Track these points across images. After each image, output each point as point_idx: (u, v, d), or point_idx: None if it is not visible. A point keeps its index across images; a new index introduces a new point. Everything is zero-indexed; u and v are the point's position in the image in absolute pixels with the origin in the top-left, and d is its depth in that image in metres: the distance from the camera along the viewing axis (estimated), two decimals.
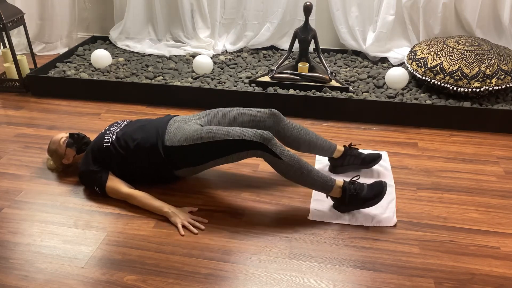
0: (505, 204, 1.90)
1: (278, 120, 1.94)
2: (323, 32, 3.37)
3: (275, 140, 1.73)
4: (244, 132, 1.74)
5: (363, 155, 2.04)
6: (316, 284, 1.50)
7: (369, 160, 2.04)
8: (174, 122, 1.90)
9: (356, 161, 2.04)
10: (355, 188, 1.76)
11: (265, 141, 1.71)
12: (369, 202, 1.75)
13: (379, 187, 1.76)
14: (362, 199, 1.75)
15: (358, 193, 1.75)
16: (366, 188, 1.77)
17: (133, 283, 1.50)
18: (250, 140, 1.72)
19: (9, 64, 2.95)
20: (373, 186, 1.77)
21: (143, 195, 1.84)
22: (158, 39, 3.57)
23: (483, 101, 2.60)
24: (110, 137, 1.91)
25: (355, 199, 1.75)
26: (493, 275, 1.54)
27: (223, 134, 1.76)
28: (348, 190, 1.75)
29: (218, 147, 1.76)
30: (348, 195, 1.75)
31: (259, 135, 1.72)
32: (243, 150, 1.75)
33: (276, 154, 1.71)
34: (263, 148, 1.71)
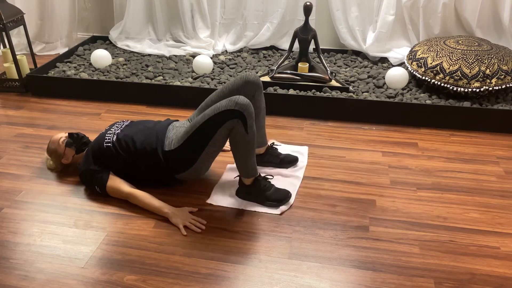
0: (505, 204, 1.90)
1: (254, 85, 1.93)
2: (323, 32, 3.37)
3: (251, 108, 1.70)
4: (218, 106, 1.72)
5: (282, 156, 2.13)
6: (316, 284, 1.50)
7: (287, 161, 2.13)
8: (173, 128, 1.91)
9: (275, 160, 2.12)
10: (265, 184, 1.86)
11: (241, 108, 1.67)
12: (268, 202, 1.86)
13: (284, 195, 1.88)
14: (265, 197, 1.86)
15: (264, 190, 1.85)
16: (273, 189, 1.88)
17: (133, 283, 1.50)
18: (224, 110, 1.70)
19: (9, 64, 2.95)
20: (280, 191, 1.88)
21: (144, 195, 1.84)
22: (158, 39, 3.57)
23: (483, 101, 2.60)
24: (111, 138, 1.91)
25: (259, 194, 1.86)
26: (493, 275, 1.54)
27: (201, 118, 1.76)
28: (258, 183, 1.85)
29: (201, 132, 1.76)
30: (256, 187, 1.85)
31: (233, 102, 1.68)
32: (221, 125, 1.71)
33: (246, 127, 1.70)
34: (239, 115, 1.68)
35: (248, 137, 1.73)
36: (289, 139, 2.39)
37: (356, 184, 2.03)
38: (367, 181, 2.04)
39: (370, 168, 2.15)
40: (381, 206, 1.88)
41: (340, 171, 2.13)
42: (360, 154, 2.26)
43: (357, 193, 1.97)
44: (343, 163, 2.18)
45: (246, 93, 1.92)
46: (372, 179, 2.06)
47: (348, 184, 2.02)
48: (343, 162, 2.20)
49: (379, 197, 1.94)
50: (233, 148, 1.79)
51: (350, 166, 2.16)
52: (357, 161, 2.20)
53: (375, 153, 2.27)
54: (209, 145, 1.79)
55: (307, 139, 2.40)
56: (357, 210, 1.86)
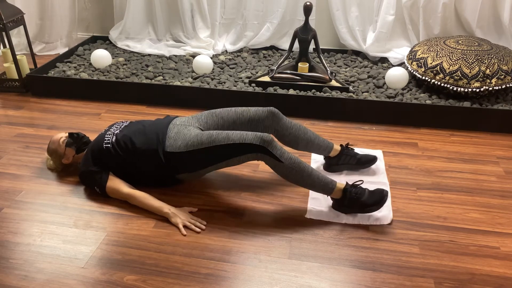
0: (505, 204, 1.90)
1: (277, 119, 1.94)
2: (323, 32, 3.37)
3: (275, 142, 1.73)
4: (244, 136, 1.74)
5: (359, 156, 2.05)
6: (316, 284, 1.50)
7: (364, 161, 2.05)
8: (174, 127, 1.89)
9: (351, 161, 2.04)
10: (356, 192, 1.75)
11: (265, 144, 1.70)
12: (368, 208, 1.76)
13: (380, 195, 1.76)
14: (362, 204, 1.75)
15: (358, 198, 1.75)
16: (367, 193, 1.76)
17: (133, 283, 1.50)
18: (250, 144, 1.72)
19: (9, 64, 2.95)
20: (374, 193, 1.77)
21: (143, 196, 1.84)
22: (158, 39, 3.57)
23: (483, 101, 2.60)
24: (110, 138, 1.90)
25: (354, 202, 1.76)
26: (493, 275, 1.54)
27: (223, 139, 1.75)
28: (348, 193, 1.75)
29: (219, 151, 1.76)
30: (348, 198, 1.76)
31: (259, 137, 1.71)
32: (243, 154, 1.75)
33: (276, 157, 1.71)
34: (264, 151, 1.71)
35: (286, 165, 1.72)
36: None
37: None
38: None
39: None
40: None
41: None
42: None
43: None
44: None
45: (266, 126, 1.93)
46: None
47: None
48: None
49: None
50: (288, 180, 1.78)
51: None
52: None
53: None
54: (222, 163, 1.81)
55: None
56: None
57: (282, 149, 1.73)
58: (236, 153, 1.75)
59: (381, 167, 2.12)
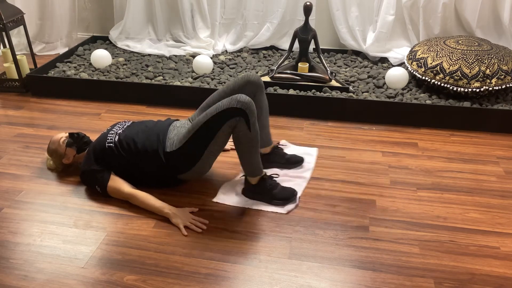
0: (505, 204, 1.90)
1: (255, 86, 1.94)
2: (323, 32, 3.37)
3: (253, 105, 1.71)
4: (220, 104, 1.73)
5: (288, 156, 2.13)
6: (316, 284, 1.50)
7: (293, 161, 2.12)
8: (174, 128, 1.91)
9: (280, 160, 2.11)
10: (270, 183, 1.86)
11: (243, 106, 1.68)
12: (274, 201, 1.86)
13: (290, 194, 1.87)
14: (271, 195, 1.86)
15: (270, 189, 1.85)
16: (279, 188, 1.88)
17: (133, 283, 1.50)
18: (226, 109, 1.70)
19: (9, 64, 2.95)
20: (286, 190, 1.88)
21: (144, 196, 1.84)
22: (158, 39, 3.57)
23: (483, 101, 2.60)
24: (112, 138, 1.91)
25: (266, 192, 1.86)
26: (493, 275, 1.54)
27: (203, 118, 1.76)
28: (264, 181, 1.85)
29: (202, 131, 1.77)
30: (262, 186, 1.85)
31: (234, 100, 1.69)
32: (224, 123, 1.72)
33: (249, 125, 1.71)
34: (241, 113, 1.69)
35: (251, 135, 1.73)
36: (289, 139, 2.38)
37: (356, 184, 2.03)
38: (367, 181, 2.04)
39: (370, 168, 2.15)
40: (381, 206, 1.88)
41: (340, 171, 2.13)
42: (360, 154, 2.26)
43: (357, 193, 1.97)
44: (343, 163, 2.18)
45: (247, 93, 1.92)
46: (372, 179, 2.06)
47: (348, 184, 2.02)
48: (343, 162, 2.20)
49: (379, 197, 1.94)
50: (237, 146, 1.80)
51: (350, 166, 2.16)
52: (357, 161, 2.20)
53: (375, 153, 2.27)
54: (211, 144, 1.79)
55: (307, 139, 2.40)
56: (357, 210, 1.86)
57: (256, 117, 1.73)
58: (217, 126, 1.73)
59: (311, 163, 2.16)
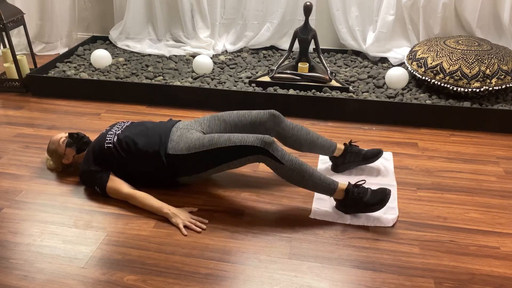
0: (505, 204, 1.90)
1: (278, 121, 1.94)
2: (323, 32, 3.37)
3: (276, 144, 1.73)
4: (245, 138, 1.74)
5: (364, 151, 2.04)
6: (316, 284, 1.50)
7: (370, 155, 2.04)
8: (176, 130, 1.90)
9: (357, 158, 2.04)
10: (358, 192, 1.75)
11: (266, 146, 1.70)
12: (370, 207, 1.75)
13: (383, 194, 1.74)
14: (364, 203, 1.74)
15: (361, 197, 1.74)
16: (369, 193, 1.75)
17: (133, 283, 1.50)
18: (251, 146, 1.71)
19: (9, 64, 2.95)
20: (377, 192, 1.76)
21: (143, 196, 1.84)
22: (158, 39, 3.57)
23: (483, 101, 2.60)
24: (111, 138, 1.91)
25: (357, 202, 1.75)
26: (493, 275, 1.54)
27: (224, 141, 1.75)
28: (351, 193, 1.75)
29: (220, 154, 1.76)
30: (350, 198, 1.75)
31: (260, 139, 1.71)
32: (244, 156, 1.75)
33: (277, 159, 1.71)
34: (265, 152, 1.71)
35: (287, 166, 1.72)
36: None
37: None
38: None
39: None
40: None
41: None
42: None
43: None
44: None
45: (268, 128, 1.93)
46: None
47: None
48: None
49: None
50: (290, 181, 1.77)
51: None
52: None
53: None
54: (223, 165, 1.80)
55: None
56: None
57: (283, 151, 1.73)
58: (237, 155, 1.75)
59: (390, 168, 2.11)
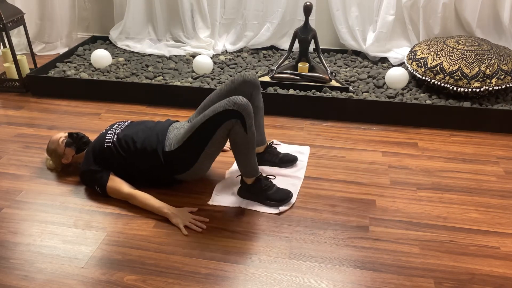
0: (505, 204, 1.90)
1: (251, 85, 1.95)
2: (323, 32, 3.37)
3: (250, 108, 1.71)
4: (217, 106, 1.73)
5: (281, 155, 2.14)
6: (316, 284, 1.50)
7: (285, 160, 2.13)
8: (173, 129, 1.92)
9: (274, 159, 2.13)
10: (266, 184, 1.86)
11: (239, 108, 1.68)
12: (269, 202, 1.86)
13: (285, 195, 1.88)
14: (266, 196, 1.86)
15: (265, 190, 1.86)
16: (274, 189, 1.88)
17: (133, 283, 1.50)
18: (223, 111, 1.70)
19: (9, 64, 2.95)
20: (281, 191, 1.89)
21: (143, 196, 1.84)
22: (158, 39, 3.57)
23: (483, 101, 2.60)
24: (111, 138, 1.91)
25: (261, 193, 1.86)
26: (493, 275, 1.54)
27: (200, 119, 1.76)
28: (259, 182, 1.85)
29: (200, 133, 1.77)
30: (257, 186, 1.85)
31: (231, 102, 1.69)
32: (221, 125, 1.72)
33: (246, 128, 1.71)
34: (238, 116, 1.69)
35: (248, 137, 1.74)
36: (289, 139, 2.39)
37: (356, 184, 2.03)
38: (367, 181, 2.04)
39: (370, 168, 2.15)
40: (381, 206, 1.88)
41: (340, 171, 2.13)
42: (360, 154, 2.26)
43: (357, 193, 1.97)
44: (343, 163, 2.18)
45: (244, 92, 1.93)
46: (372, 179, 2.06)
47: (348, 184, 2.02)
48: (343, 162, 2.20)
49: (379, 197, 1.94)
50: (233, 148, 1.80)
51: (350, 166, 2.16)
52: (357, 161, 2.20)
53: (375, 153, 2.27)
54: (208, 145, 1.79)
55: (307, 139, 2.40)
56: (357, 210, 1.86)
57: (252, 119, 1.73)
58: (214, 128, 1.73)
59: (304, 162, 2.17)
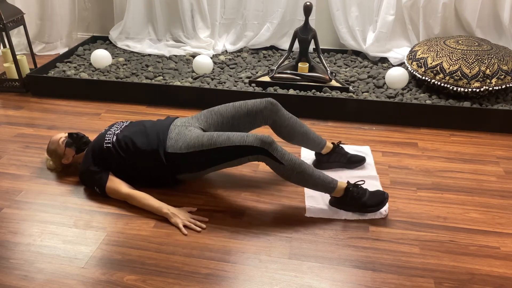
0: (505, 204, 1.90)
1: (275, 109, 1.95)
2: (323, 32, 3.37)
3: (275, 144, 1.73)
4: (245, 138, 1.73)
5: (349, 155, 2.10)
6: (316, 284, 1.50)
7: (354, 160, 2.10)
8: (175, 127, 1.90)
9: (342, 159, 2.09)
10: (357, 192, 1.78)
11: (265, 146, 1.70)
12: (368, 208, 1.79)
13: (381, 197, 1.79)
14: (362, 204, 1.78)
15: (359, 197, 1.77)
16: (368, 194, 1.79)
17: (133, 283, 1.50)
18: (250, 146, 1.71)
19: (9, 64, 2.95)
20: (375, 194, 1.80)
21: (143, 196, 1.84)
22: (158, 39, 3.57)
23: (483, 101, 2.60)
24: (110, 138, 1.91)
25: (355, 202, 1.78)
26: (493, 275, 1.54)
27: (223, 141, 1.75)
28: (351, 192, 1.77)
29: (219, 153, 1.76)
30: (350, 197, 1.78)
31: (259, 140, 1.71)
32: (244, 156, 1.75)
33: (277, 159, 1.71)
34: (264, 152, 1.71)
35: (287, 166, 1.72)
36: None
37: None
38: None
39: None
40: None
41: None
42: None
43: None
44: None
45: (265, 117, 1.94)
46: None
47: None
48: None
49: None
50: (290, 180, 1.77)
51: None
52: None
53: (375, 153, 2.26)
54: (222, 164, 1.81)
55: None
56: None
57: (282, 150, 1.73)
58: (237, 155, 1.75)
59: (370, 162, 2.16)
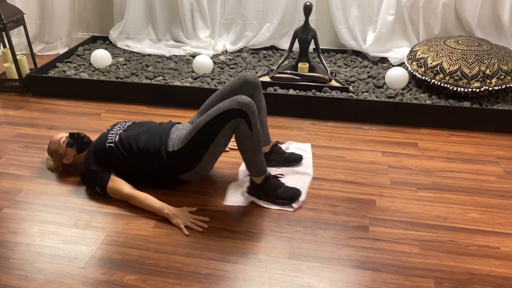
0: (505, 204, 1.90)
1: (252, 86, 1.96)
2: (323, 32, 3.37)
3: (254, 107, 1.72)
4: (220, 105, 1.74)
5: (287, 154, 2.15)
6: (316, 284, 1.51)
7: (291, 159, 2.14)
8: (176, 130, 1.93)
9: (279, 159, 2.13)
10: (275, 183, 1.88)
11: (243, 107, 1.69)
12: (279, 201, 1.88)
13: (294, 193, 1.89)
14: (276, 195, 1.87)
15: (275, 189, 1.87)
16: (283, 188, 1.89)
17: (133, 283, 1.50)
18: (227, 110, 1.71)
19: (9, 64, 2.95)
20: (290, 190, 1.90)
21: (144, 196, 1.84)
22: (158, 39, 3.57)
23: (483, 101, 2.60)
24: (113, 138, 1.91)
25: (270, 192, 1.88)
26: (493, 275, 1.54)
27: (203, 119, 1.77)
28: (269, 181, 1.87)
29: (204, 133, 1.77)
30: (266, 185, 1.86)
31: (235, 101, 1.70)
32: (225, 124, 1.73)
33: (250, 126, 1.72)
34: (242, 115, 1.70)
35: (253, 135, 1.74)
36: (289, 139, 2.38)
37: (356, 184, 2.03)
38: (367, 181, 2.04)
39: (370, 168, 2.15)
40: (381, 206, 1.88)
41: (340, 171, 2.13)
42: (360, 154, 2.26)
43: (357, 193, 1.97)
44: (343, 163, 2.18)
45: (245, 93, 1.94)
46: (372, 179, 2.06)
47: (348, 184, 2.02)
48: (343, 162, 2.20)
49: (379, 197, 1.94)
50: (240, 147, 1.80)
51: (350, 166, 2.16)
52: (357, 161, 2.20)
53: (375, 153, 2.27)
54: (212, 145, 1.80)
55: (307, 139, 2.40)
56: (357, 210, 1.86)
57: (257, 118, 1.74)
58: (219, 127, 1.74)
59: (309, 160, 2.20)
